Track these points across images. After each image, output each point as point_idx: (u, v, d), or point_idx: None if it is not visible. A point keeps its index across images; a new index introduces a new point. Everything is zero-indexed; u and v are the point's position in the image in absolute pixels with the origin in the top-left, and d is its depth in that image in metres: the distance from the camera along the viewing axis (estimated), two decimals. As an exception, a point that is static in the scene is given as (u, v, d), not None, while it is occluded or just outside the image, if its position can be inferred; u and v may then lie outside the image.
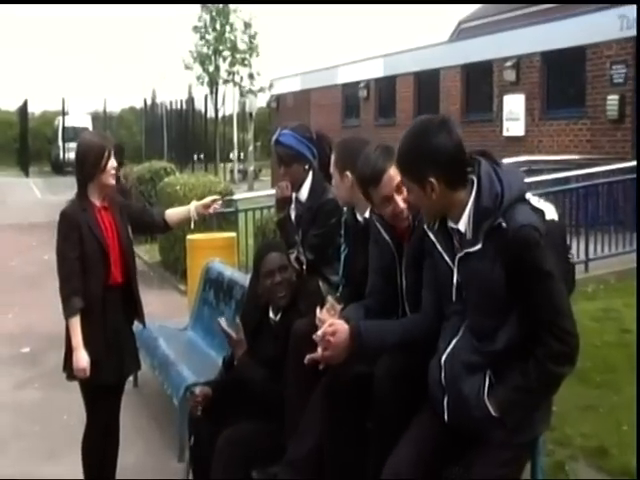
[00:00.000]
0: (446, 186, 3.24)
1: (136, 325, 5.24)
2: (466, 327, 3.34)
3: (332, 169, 4.47)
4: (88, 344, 4.74)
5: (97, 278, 4.82)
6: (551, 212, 3.48)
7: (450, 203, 3.29)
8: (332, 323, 3.78)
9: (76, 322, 4.74)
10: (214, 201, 5.37)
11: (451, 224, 3.34)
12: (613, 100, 16.51)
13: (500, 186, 3.22)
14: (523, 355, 3.23)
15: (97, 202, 4.91)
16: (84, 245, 4.78)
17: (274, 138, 5.46)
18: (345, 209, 4.63)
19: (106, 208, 4.96)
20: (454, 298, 3.35)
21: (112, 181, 4.94)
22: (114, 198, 5.15)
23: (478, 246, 3.21)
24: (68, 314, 4.76)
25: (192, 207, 5.36)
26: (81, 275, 4.76)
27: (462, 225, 3.28)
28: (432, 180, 3.22)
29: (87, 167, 4.86)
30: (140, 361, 5.39)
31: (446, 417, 3.39)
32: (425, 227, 3.49)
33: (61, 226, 4.85)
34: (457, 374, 3.32)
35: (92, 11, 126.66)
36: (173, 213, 5.45)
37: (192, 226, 5.72)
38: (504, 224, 3.16)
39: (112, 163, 4.89)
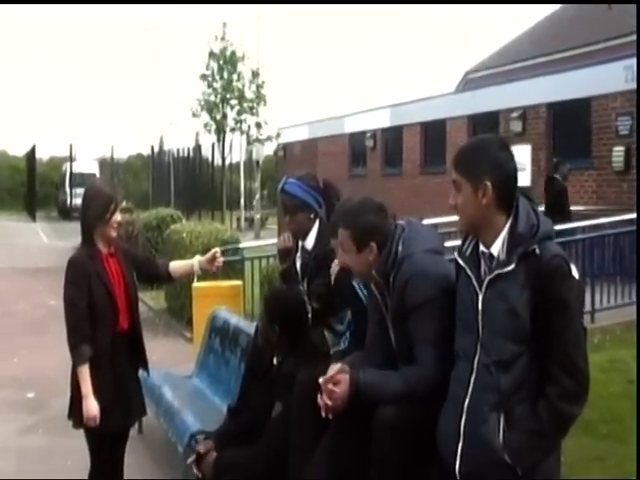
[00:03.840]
0: (496, 198, 3.33)
1: (142, 372, 5.25)
2: (480, 363, 3.34)
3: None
4: (96, 392, 4.73)
5: (105, 326, 4.82)
6: (573, 270, 3.53)
7: (489, 220, 3.36)
8: (340, 370, 3.81)
9: (85, 370, 4.73)
10: (216, 254, 5.37)
11: (483, 248, 3.40)
12: (619, 151, 16.59)
13: (536, 219, 3.32)
14: (533, 397, 3.24)
15: (103, 249, 4.93)
16: (93, 293, 4.79)
17: (279, 187, 5.49)
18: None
19: (112, 255, 4.98)
20: (479, 324, 3.34)
21: (114, 234, 4.96)
22: (119, 245, 5.18)
23: (511, 266, 3.25)
24: (78, 362, 4.74)
25: (196, 262, 5.38)
26: (90, 323, 4.76)
27: (495, 249, 3.35)
28: (487, 184, 3.32)
29: (91, 214, 4.89)
30: (145, 407, 5.38)
31: (457, 466, 3.35)
32: (455, 254, 3.53)
33: (70, 273, 4.86)
34: (479, 416, 3.31)
35: (100, 58, 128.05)
36: (177, 266, 5.47)
37: (195, 280, 5.75)
38: (538, 251, 3.23)
39: (116, 217, 4.92)
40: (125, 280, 4.98)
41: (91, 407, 4.71)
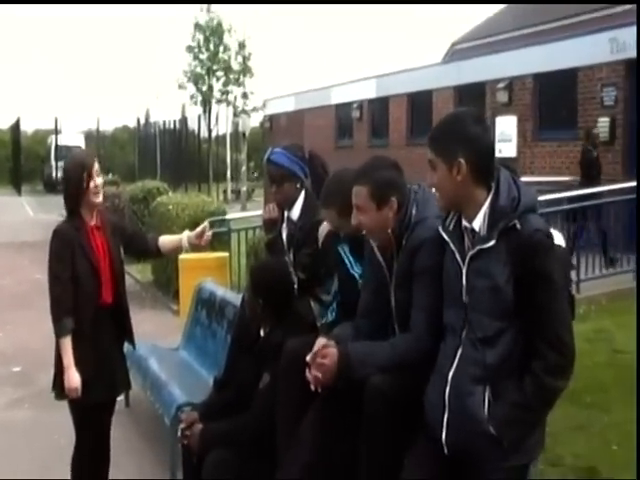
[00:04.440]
0: (471, 173, 3.30)
1: (128, 345, 5.24)
2: (467, 338, 3.34)
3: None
4: (79, 364, 4.73)
5: (88, 298, 4.80)
6: (559, 239, 3.53)
7: (468, 195, 3.34)
8: (325, 345, 3.81)
9: (67, 342, 4.72)
10: (205, 229, 5.32)
11: (465, 223, 3.39)
12: (604, 122, 16.58)
13: (517, 191, 3.30)
14: (519, 371, 3.25)
15: (89, 221, 4.89)
16: (76, 265, 4.77)
17: (266, 157, 5.47)
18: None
19: (98, 228, 4.93)
20: (463, 299, 3.35)
21: (97, 200, 4.89)
22: (107, 217, 5.14)
23: (491, 242, 3.24)
24: (60, 334, 4.74)
25: (184, 237, 5.33)
26: (73, 295, 4.75)
27: (477, 223, 3.33)
28: (461, 161, 3.29)
29: (70, 184, 4.86)
30: (130, 381, 5.38)
31: (444, 435, 3.37)
32: (439, 229, 3.52)
33: (53, 245, 4.83)
34: (463, 388, 3.32)
35: (85, 29, 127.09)
36: (167, 241, 5.42)
37: (183, 253, 5.70)
38: (519, 226, 3.22)
39: (96, 181, 4.85)
40: (111, 254, 4.94)
41: (72, 378, 4.71)
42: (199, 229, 5.32)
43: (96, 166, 4.89)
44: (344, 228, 4.32)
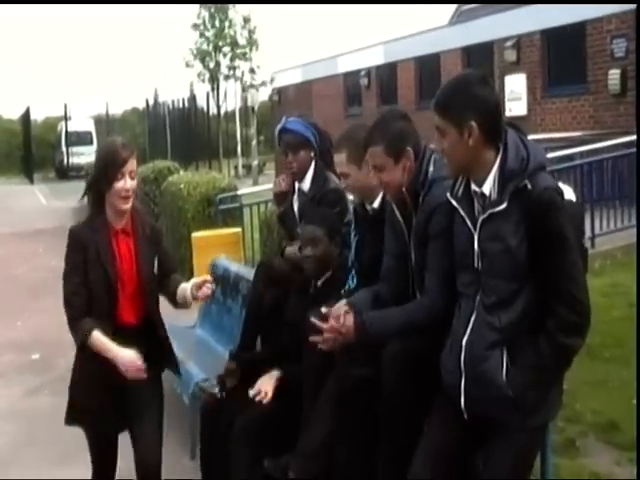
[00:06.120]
0: (482, 135, 3.26)
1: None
2: (481, 302, 3.33)
3: (344, 168, 4.42)
4: (81, 383, 4.34)
5: (99, 314, 4.08)
6: (569, 193, 3.51)
7: (479, 158, 3.30)
8: (339, 308, 3.89)
9: (95, 341, 4.01)
10: (205, 281, 4.26)
11: (474, 187, 3.36)
12: (615, 74, 16.43)
13: (526, 151, 3.27)
14: (536, 332, 3.24)
15: (115, 223, 4.13)
16: (88, 272, 4.05)
17: (280, 126, 5.47)
18: (352, 198, 4.65)
19: (127, 232, 4.17)
20: (476, 264, 3.33)
21: (123, 206, 4.06)
22: (144, 220, 4.32)
23: (503, 206, 3.22)
24: (80, 339, 4.06)
25: (188, 289, 4.27)
26: (86, 297, 4.06)
27: (487, 187, 3.30)
28: (472, 124, 3.25)
29: (93, 181, 4.10)
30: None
31: (462, 401, 3.38)
32: (448, 195, 3.49)
33: (67, 245, 4.12)
34: (478, 354, 3.32)
35: (90, 13, 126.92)
36: (180, 290, 4.34)
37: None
38: (529, 186, 3.19)
39: (126, 183, 4.01)
40: (139, 264, 4.17)
41: (125, 357, 4.00)
42: (199, 280, 4.30)
43: (132, 165, 4.05)
44: (352, 179, 4.35)
